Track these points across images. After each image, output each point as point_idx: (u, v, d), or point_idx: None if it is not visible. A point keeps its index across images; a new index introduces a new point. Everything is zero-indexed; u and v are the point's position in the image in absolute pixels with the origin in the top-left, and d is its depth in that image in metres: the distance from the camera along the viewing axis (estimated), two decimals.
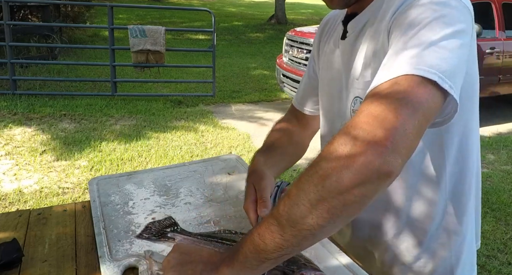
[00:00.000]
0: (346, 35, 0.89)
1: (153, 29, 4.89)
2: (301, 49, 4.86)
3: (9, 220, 0.99)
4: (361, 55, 0.84)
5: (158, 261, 0.80)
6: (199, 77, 6.70)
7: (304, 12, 18.03)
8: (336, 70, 0.94)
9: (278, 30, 12.15)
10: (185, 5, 17.73)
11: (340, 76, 0.92)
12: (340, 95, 0.93)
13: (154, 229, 0.93)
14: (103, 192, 1.09)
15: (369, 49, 0.82)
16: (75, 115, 4.57)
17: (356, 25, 0.87)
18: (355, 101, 0.85)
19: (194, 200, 1.06)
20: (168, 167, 1.25)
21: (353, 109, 0.86)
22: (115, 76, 5.22)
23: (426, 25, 0.66)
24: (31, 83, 5.50)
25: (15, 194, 2.91)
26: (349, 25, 0.88)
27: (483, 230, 2.84)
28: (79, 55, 7.63)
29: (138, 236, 0.90)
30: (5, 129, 4.04)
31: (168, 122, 4.56)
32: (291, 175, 3.43)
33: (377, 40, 0.79)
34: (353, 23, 0.87)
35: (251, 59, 8.51)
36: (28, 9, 7.84)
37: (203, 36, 10.70)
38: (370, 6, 0.84)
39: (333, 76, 0.95)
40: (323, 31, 1.05)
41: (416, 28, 0.67)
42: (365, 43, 0.84)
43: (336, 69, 0.94)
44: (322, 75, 1.02)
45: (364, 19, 0.85)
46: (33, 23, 7.55)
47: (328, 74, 0.98)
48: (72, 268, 0.82)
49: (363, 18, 0.85)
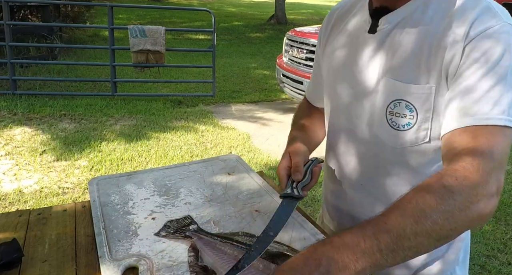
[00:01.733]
0: (376, 29, 0.86)
1: (153, 29, 4.89)
2: (301, 49, 4.86)
3: (9, 220, 0.99)
4: (401, 55, 0.82)
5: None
6: (199, 77, 6.70)
7: (304, 12, 18.02)
8: (353, 64, 0.91)
9: (278, 30, 12.14)
10: (185, 5, 17.73)
11: (360, 70, 0.89)
12: (360, 90, 0.90)
13: (172, 227, 0.93)
14: (103, 192, 1.09)
15: (414, 52, 0.80)
16: (75, 115, 4.57)
17: (389, 21, 0.84)
18: (396, 103, 0.82)
19: (194, 200, 1.06)
20: (168, 167, 1.25)
21: (391, 111, 0.84)
22: (115, 76, 5.22)
23: (507, 68, 0.71)
24: (31, 83, 5.50)
25: (15, 194, 2.91)
26: (382, 20, 0.85)
27: (483, 230, 2.84)
28: (79, 55, 7.63)
29: (156, 234, 0.91)
30: (5, 129, 4.04)
31: (168, 122, 4.56)
32: None
33: (430, 45, 0.78)
34: (387, 18, 0.85)
35: (251, 59, 8.51)
36: (28, 9, 7.84)
37: (203, 36, 10.70)
38: (411, 2, 0.82)
39: (348, 69, 0.92)
40: (329, 23, 1.01)
41: (496, 68, 0.71)
42: (405, 43, 0.81)
43: (353, 63, 0.91)
44: (330, 68, 0.98)
45: (399, 16, 0.83)
46: (33, 23, 7.55)
47: (340, 67, 0.95)
48: (72, 268, 0.82)
49: (398, 14, 0.83)
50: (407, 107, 0.81)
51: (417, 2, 0.82)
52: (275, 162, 3.68)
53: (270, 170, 3.50)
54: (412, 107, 0.80)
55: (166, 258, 0.83)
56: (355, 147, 0.94)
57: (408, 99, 0.81)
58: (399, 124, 0.83)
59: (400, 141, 0.85)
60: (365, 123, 0.90)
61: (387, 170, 0.90)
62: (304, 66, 4.80)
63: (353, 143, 0.94)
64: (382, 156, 0.89)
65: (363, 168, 0.94)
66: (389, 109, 0.84)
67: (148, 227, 0.94)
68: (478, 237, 2.76)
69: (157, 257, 0.83)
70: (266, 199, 1.07)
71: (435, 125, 0.81)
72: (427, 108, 0.79)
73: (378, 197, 0.92)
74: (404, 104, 0.81)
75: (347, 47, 0.93)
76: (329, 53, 0.99)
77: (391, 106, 0.83)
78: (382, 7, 0.85)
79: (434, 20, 0.78)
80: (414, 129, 0.82)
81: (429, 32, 0.78)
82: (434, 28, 0.78)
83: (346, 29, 0.95)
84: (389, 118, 0.84)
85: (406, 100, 0.81)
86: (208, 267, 0.79)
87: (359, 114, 0.91)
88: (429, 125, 0.81)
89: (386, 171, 0.90)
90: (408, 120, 0.82)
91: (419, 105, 0.80)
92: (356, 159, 0.94)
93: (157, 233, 0.92)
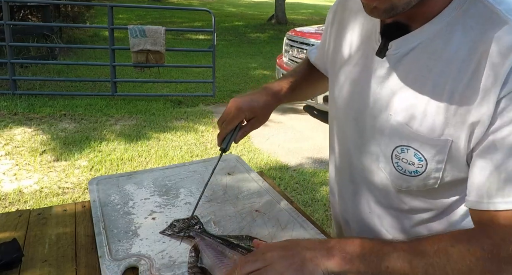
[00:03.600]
0: (386, 53, 0.71)
1: (153, 29, 4.89)
2: (301, 49, 4.85)
3: (9, 220, 0.99)
4: (413, 95, 0.67)
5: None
6: (199, 77, 6.70)
7: (304, 12, 18.02)
8: (354, 86, 0.79)
9: (278, 30, 12.14)
10: (185, 5, 17.73)
11: (360, 99, 0.77)
12: (359, 124, 0.79)
13: (178, 227, 0.94)
14: (103, 192, 1.09)
15: (431, 95, 0.65)
16: (75, 115, 4.57)
17: (402, 45, 0.69)
18: (404, 149, 0.70)
19: (194, 200, 1.06)
20: (168, 167, 1.25)
21: (397, 156, 0.72)
22: (115, 76, 5.22)
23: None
24: (31, 83, 5.49)
25: (15, 194, 2.91)
26: (393, 43, 0.70)
27: None
28: (79, 55, 7.63)
29: (161, 232, 0.92)
30: (5, 129, 4.04)
31: (168, 122, 4.56)
32: (291, 175, 3.44)
33: (453, 90, 0.63)
34: (400, 42, 0.69)
35: (251, 59, 8.51)
36: (28, 9, 7.84)
37: (203, 36, 10.70)
38: (429, 24, 0.66)
39: (348, 95, 0.81)
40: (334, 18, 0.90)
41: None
42: (420, 81, 0.67)
43: (354, 86, 0.79)
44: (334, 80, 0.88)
45: (416, 40, 0.68)
46: (33, 23, 7.54)
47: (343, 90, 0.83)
48: (72, 268, 0.82)
49: (415, 38, 0.68)
50: (415, 156, 0.70)
51: (438, 23, 0.65)
52: (275, 162, 3.68)
53: (270, 170, 3.50)
54: (421, 156, 0.69)
55: (166, 258, 0.83)
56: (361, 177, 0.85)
57: (417, 148, 0.69)
58: (406, 169, 0.72)
59: (405, 184, 0.75)
60: (371, 160, 0.80)
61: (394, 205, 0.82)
62: None
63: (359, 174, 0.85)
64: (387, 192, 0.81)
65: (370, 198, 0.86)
66: (395, 152, 0.72)
67: (148, 227, 0.94)
68: None
69: (157, 257, 0.83)
70: (266, 199, 1.07)
71: (447, 174, 0.70)
72: (439, 160, 0.68)
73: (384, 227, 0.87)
74: (413, 152, 0.69)
75: (355, 69, 0.80)
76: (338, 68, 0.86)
77: (397, 150, 0.72)
78: (394, 23, 0.70)
79: (460, 56, 0.62)
80: (422, 177, 0.71)
81: (453, 73, 0.63)
82: (461, 68, 0.62)
83: (357, 37, 0.81)
84: (395, 162, 0.73)
85: (415, 148, 0.69)
86: (206, 270, 0.79)
87: (365, 152, 0.80)
88: (440, 175, 0.70)
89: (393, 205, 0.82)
90: (417, 168, 0.71)
91: (430, 156, 0.68)
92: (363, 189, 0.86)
93: (162, 231, 0.92)
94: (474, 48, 0.61)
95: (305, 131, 4.53)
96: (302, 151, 3.98)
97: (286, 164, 3.67)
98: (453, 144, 0.65)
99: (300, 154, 3.92)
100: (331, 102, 0.91)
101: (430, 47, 0.66)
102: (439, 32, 0.65)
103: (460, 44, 0.63)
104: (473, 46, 0.61)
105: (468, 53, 0.62)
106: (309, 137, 4.38)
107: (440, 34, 0.65)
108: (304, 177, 3.44)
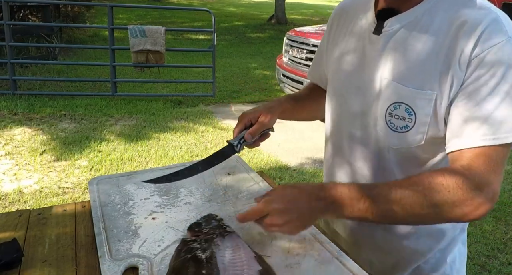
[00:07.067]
0: (381, 31, 0.87)
1: (153, 29, 4.89)
2: (301, 49, 4.85)
3: (9, 220, 0.99)
4: (406, 59, 0.83)
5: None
6: (199, 77, 6.70)
7: (304, 12, 18.02)
8: (360, 67, 0.92)
9: (278, 30, 12.14)
10: (185, 5, 17.72)
11: (366, 72, 0.90)
12: (361, 91, 0.91)
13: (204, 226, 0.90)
14: (103, 192, 1.09)
15: (420, 58, 0.81)
16: (75, 115, 4.57)
17: (395, 23, 0.85)
18: (396, 105, 0.84)
19: (194, 200, 1.06)
20: (168, 167, 1.25)
21: (390, 113, 0.85)
22: (115, 76, 5.22)
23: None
24: (31, 83, 5.50)
25: (15, 194, 2.91)
26: (388, 22, 0.86)
27: (483, 230, 2.84)
28: (79, 55, 7.63)
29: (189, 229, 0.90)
30: (5, 129, 4.04)
31: (168, 122, 4.56)
32: (291, 175, 3.44)
33: (437, 54, 0.79)
34: (393, 20, 0.85)
35: (251, 59, 8.51)
36: (28, 9, 7.84)
37: (203, 36, 10.70)
38: (417, 7, 0.83)
39: (356, 73, 0.93)
40: (333, 22, 1.02)
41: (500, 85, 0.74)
42: (411, 49, 0.82)
43: (360, 66, 0.92)
44: (339, 71, 0.99)
45: (406, 19, 0.84)
46: (33, 23, 7.54)
47: (347, 71, 0.95)
48: (72, 268, 0.82)
49: (405, 17, 0.84)
50: (406, 110, 0.83)
51: (424, 6, 0.82)
52: (275, 162, 3.68)
53: (270, 170, 3.50)
54: (411, 110, 0.82)
55: (166, 258, 0.83)
56: (359, 148, 0.95)
57: (408, 103, 0.82)
58: (397, 125, 0.85)
59: (397, 142, 0.87)
60: (369, 124, 0.91)
61: (388, 170, 0.91)
62: (304, 66, 4.80)
63: (357, 145, 0.95)
64: (383, 156, 0.91)
65: (367, 169, 0.95)
66: (389, 110, 0.85)
67: (148, 227, 0.94)
68: (478, 237, 2.76)
69: (158, 257, 0.83)
70: None
71: (431, 129, 0.82)
72: (426, 113, 0.81)
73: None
74: (404, 107, 0.83)
75: (353, 51, 0.94)
76: (337, 56, 0.99)
77: (391, 108, 0.85)
78: (388, 8, 0.86)
79: (441, 29, 0.79)
80: (411, 132, 0.84)
81: (436, 41, 0.79)
82: (442, 37, 0.79)
83: (353, 31, 0.95)
84: (388, 119, 0.86)
85: (406, 103, 0.82)
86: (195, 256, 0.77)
87: (364, 116, 0.92)
88: (426, 129, 0.82)
89: (388, 171, 0.91)
90: (406, 123, 0.84)
91: (418, 109, 0.81)
92: (361, 160, 0.95)
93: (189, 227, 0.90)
94: (453, 21, 0.78)
95: (305, 131, 4.54)
96: (302, 151, 3.98)
97: (286, 164, 3.67)
98: (438, 97, 0.79)
99: (300, 154, 3.92)
100: (331, 82, 1.03)
101: (419, 23, 0.82)
102: (426, 12, 0.82)
103: (442, 19, 0.80)
104: (452, 21, 0.79)
105: (448, 25, 0.79)
106: (309, 137, 4.39)
107: (426, 13, 0.82)
108: (304, 177, 3.44)
